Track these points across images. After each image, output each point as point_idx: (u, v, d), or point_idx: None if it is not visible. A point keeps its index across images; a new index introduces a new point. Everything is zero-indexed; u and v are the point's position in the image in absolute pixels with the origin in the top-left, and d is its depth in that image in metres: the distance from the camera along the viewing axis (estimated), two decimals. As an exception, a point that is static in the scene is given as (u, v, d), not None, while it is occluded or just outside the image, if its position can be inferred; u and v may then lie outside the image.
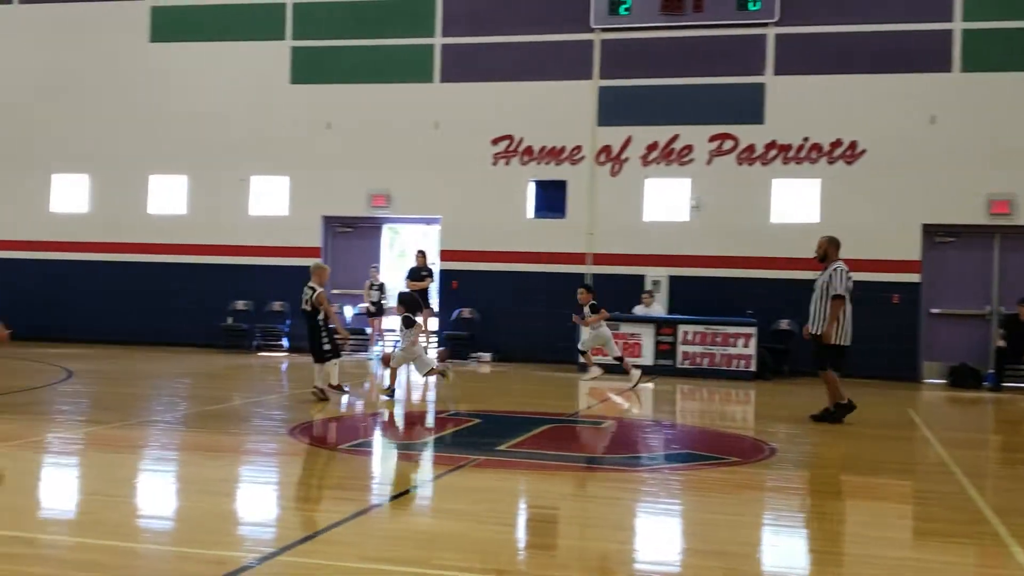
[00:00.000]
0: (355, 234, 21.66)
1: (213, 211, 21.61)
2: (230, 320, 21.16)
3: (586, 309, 16.00)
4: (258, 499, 7.43)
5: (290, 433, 9.93)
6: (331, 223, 21.51)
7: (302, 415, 11.59)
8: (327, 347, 12.77)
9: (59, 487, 7.84)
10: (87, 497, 7.38)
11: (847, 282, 11.82)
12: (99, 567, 5.31)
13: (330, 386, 12.81)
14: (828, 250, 12.08)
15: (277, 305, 21.11)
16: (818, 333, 11.85)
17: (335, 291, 21.42)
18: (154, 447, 9.45)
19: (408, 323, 12.97)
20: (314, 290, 12.71)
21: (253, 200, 21.58)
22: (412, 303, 13.30)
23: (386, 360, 14.06)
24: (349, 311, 21.19)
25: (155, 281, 21.56)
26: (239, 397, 13.43)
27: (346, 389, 13.27)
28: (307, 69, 21.47)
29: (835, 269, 11.88)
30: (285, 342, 20.80)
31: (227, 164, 21.48)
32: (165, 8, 22.04)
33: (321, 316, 12.78)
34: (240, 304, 21.26)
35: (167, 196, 21.90)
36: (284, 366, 18.29)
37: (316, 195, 21.25)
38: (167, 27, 22.05)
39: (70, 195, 22.32)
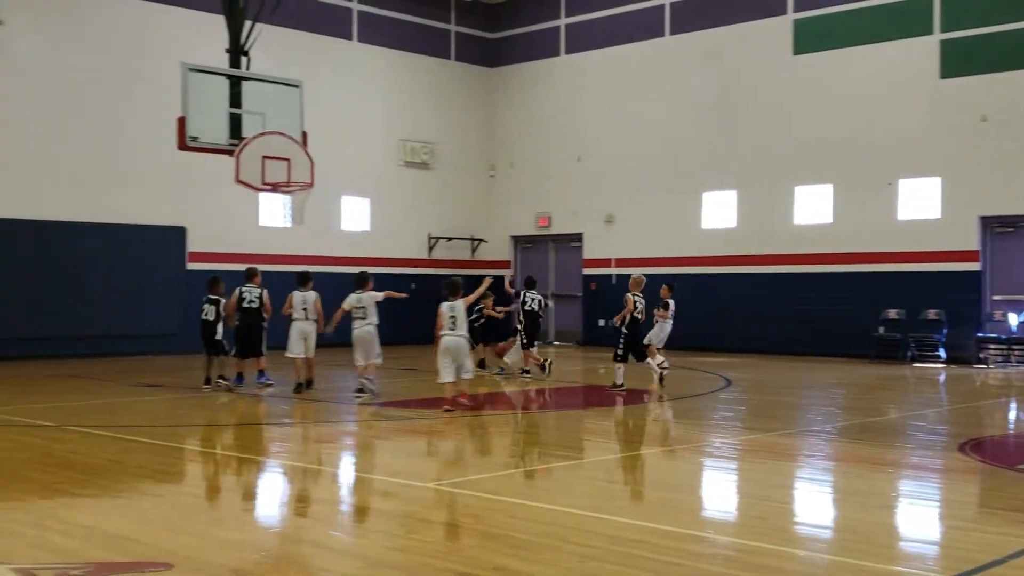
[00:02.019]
0: (1018, 233, 19.68)
1: (859, 218, 21.09)
2: (882, 330, 20.43)
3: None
4: (927, 516, 6.97)
5: (960, 449, 9.19)
6: (990, 223, 19.78)
7: (971, 430, 10.72)
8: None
9: (724, 490, 8.11)
10: (752, 501, 7.52)
11: None
12: (777, 572, 5.30)
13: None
14: None
15: (932, 313, 19.92)
16: None
17: (995, 297, 19.68)
18: (816, 457, 9.37)
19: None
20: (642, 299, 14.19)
21: (901, 204, 20.66)
22: (453, 286, 11.84)
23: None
24: (1013, 318, 19.25)
25: (802, 291, 21.65)
26: (896, 410, 12.87)
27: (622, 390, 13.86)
28: (958, 61, 20.03)
29: None
30: (942, 352, 19.53)
31: (872, 169, 20.85)
32: (808, 19, 22.13)
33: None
34: (892, 313, 20.44)
35: (812, 206, 21.91)
36: (942, 378, 17.17)
37: (971, 194, 19.69)
38: (810, 38, 22.10)
39: (719, 211, 23.39)
